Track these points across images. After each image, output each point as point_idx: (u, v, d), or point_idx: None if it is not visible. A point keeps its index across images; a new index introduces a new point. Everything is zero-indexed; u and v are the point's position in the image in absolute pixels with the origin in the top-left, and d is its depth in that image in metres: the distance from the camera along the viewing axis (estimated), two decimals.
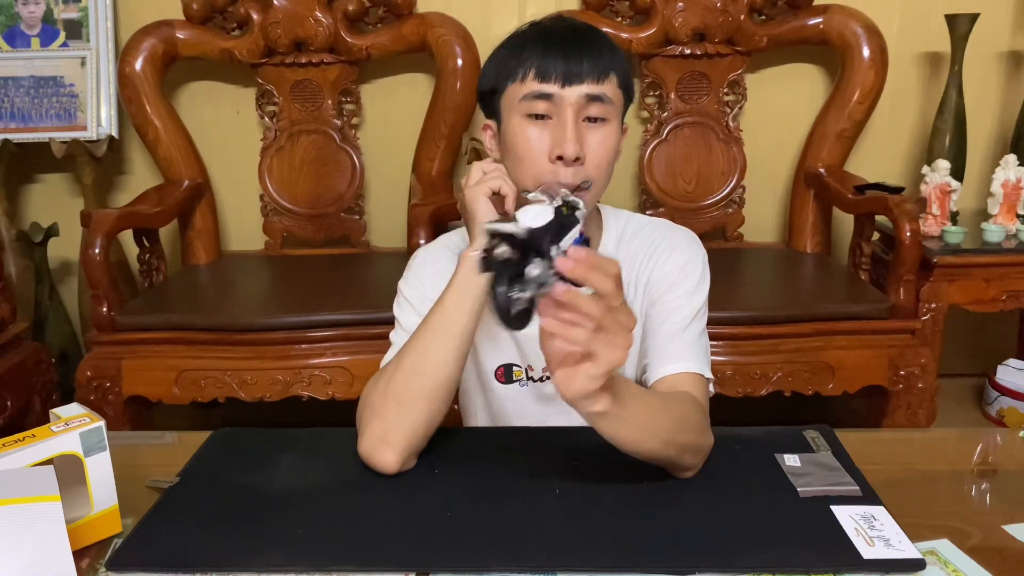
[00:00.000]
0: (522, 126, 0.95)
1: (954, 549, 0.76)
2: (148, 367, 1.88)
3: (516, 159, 0.97)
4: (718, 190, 2.34)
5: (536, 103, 0.94)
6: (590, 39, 0.95)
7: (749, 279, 2.18)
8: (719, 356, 1.83)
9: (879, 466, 0.92)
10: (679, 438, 0.85)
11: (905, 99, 2.41)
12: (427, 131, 2.27)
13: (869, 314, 1.86)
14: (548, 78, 0.93)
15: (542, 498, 0.85)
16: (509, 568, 0.74)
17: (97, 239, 1.86)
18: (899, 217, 1.88)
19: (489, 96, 1.01)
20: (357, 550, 0.77)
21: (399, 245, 2.38)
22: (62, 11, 2.29)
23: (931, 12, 2.29)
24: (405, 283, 1.07)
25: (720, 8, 2.20)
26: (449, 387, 0.93)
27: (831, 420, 1.07)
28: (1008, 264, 2.05)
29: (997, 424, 2.27)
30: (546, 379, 1.08)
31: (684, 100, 2.32)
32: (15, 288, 2.23)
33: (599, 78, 0.93)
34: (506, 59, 0.97)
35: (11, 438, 0.76)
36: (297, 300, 1.97)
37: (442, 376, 0.92)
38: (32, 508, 0.67)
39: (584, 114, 0.94)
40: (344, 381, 1.87)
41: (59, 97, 2.29)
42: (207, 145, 2.35)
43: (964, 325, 2.46)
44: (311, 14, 2.20)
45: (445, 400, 0.93)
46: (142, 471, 0.93)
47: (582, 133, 0.93)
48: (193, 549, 0.78)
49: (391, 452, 0.89)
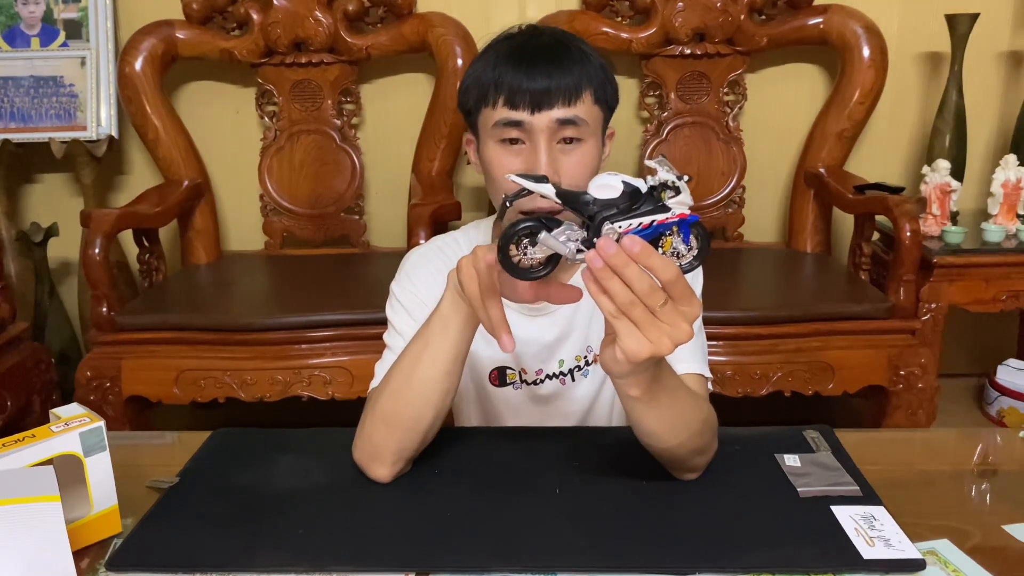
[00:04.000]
0: (496, 152, 0.94)
1: (954, 549, 0.76)
2: (148, 367, 1.88)
3: (493, 182, 0.97)
4: (718, 190, 2.34)
5: (508, 130, 0.92)
6: (560, 58, 0.92)
7: (749, 279, 2.18)
8: (719, 356, 1.83)
9: (879, 466, 0.92)
10: (698, 439, 0.85)
11: (905, 99, 2.41)
12: (427, 131, 2.27)
13: (869, 314, 1.86)
14: (517, 105, 0.91)
15: (542, 498, 0.85)
16: (509, 568, 0.74)
17: (97, 239, 1.86)
18: (899, 217, 1.88)
19: (467, 114, 1.00)
20: (357, 550, 0.77)
21: (399, 245, 2.38)
22: (62, 11, 2.29)
23: (931, 12, 2.29)
24: (398, 285, 1.06)
25: (720, 8, 2.20)
26: (437, 412, 0.89)
27: (831, 420, 1.07)
28: (1008, 264, 2.05)
29: (997, 424, 2.27)
30: (540, 382, 1.08)
31: (684, 100, 2.32)
32: (15, 288, 2.23)
33: (570, 100, 0.91)
34: (477, 81, 0.95)
35: (11, 438, 0.76)
36: (297, 300, 1.97)
37: (428, 403, 0.88)
38: (32, 508, 0.67)
39: (558, 137, 0.92)
40: (344, 381, 1.87)
41: (59, 97, 2.29)
42: (207, 145, 2.35)
43: (964, 325, 2.46)
44: (311, 14, 2.20)
45: (434, 422, 0.89)
46: (142, 471, 0.93)
47: (556, 157, 0.92)
48: (193, 549, 0.78)
49: (383, 468, 0.89)
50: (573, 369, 1.07)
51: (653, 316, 0.66)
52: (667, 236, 0.68)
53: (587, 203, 0.68)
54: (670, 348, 0.67)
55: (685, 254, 0.69)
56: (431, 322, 0.87)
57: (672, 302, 0.67)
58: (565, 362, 1.07)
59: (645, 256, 0.65)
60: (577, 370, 1.07)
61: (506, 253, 0.70)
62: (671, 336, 0.67)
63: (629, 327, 0.67)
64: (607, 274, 0.65)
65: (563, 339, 1.06)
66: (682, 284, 0.67)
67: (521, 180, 0.70)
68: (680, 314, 0.67)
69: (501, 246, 0.70)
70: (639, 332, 0.67)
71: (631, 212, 0.67)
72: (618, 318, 0.67)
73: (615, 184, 0.67)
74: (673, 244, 0.69)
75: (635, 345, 0.67)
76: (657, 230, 0.67)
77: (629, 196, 0.67)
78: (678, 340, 0.67)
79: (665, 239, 0.68)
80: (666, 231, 0.68)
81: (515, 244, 0.71)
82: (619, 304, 0.66)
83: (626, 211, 0.67)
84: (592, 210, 0.67)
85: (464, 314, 0.84)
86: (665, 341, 0.67)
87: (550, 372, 1.07)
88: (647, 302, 0.66)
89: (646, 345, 0.67)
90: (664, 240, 0.68)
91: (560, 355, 1.07)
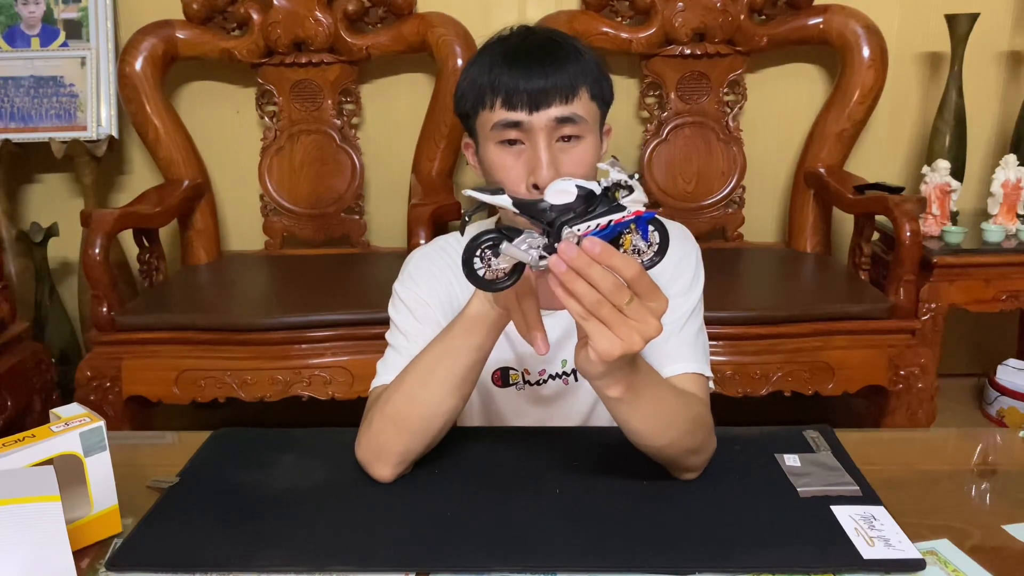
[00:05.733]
0: (496, 154, 0.94)
1: (954, 549, 0.76)
2: (148, 367, 1.88)
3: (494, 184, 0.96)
4: (718, 190, 2.34)
5: (507, 131, 0.92)
6: (555, 56, 0.92)
7: (749, 279, 2.18)
8: (719, 356, 1.83)
9: (879, 466, 0.92)
10: (689, 438, 0.85)
11: (905, 99, 2.41)
12: (427, 131, 2.27)
13: (869, 314, 1.86)
14: (515, 106, 0.91)
15: (542, 498, 0.85)
16: (509, 568, 0.74)
17: (97, 239, 1.86)
18: (899, 217, 1.88)
19: (464, 118, 1.00)
20: (357, 550, 0.77)
21: (399, 245, 2.38)
22: (62, 11, 2.29)
23: (931, 12, 2.29)
24: (401, 285, 1.06)
25: (720, 8, 2.20)
26: (448, 419, 0.89)
27: (831, 420, 1.07)
28: (1008, 264, 2.05)
29: (997, 424, 2.27)
30: (542, 382, 1.08)
31: (684, 100, 2.32)
32: (15, 288, 2.23)
33: (567, 98, 0.91)
34: (473, 84, 0.95)
35: (11, 438, 0.76)
36: (297, 300, 1.97)
37: (441, 408, 0.88)
38: (32, 508, 0.67)
39: (557, 135, 0.92)
40: (344, 381, 1.87)
41: (59, 97, 2.29)
42: (207, 145, 2.35)
43: (964, 325, 2.46)
44: (311, 14, 2.20)
45: (444, 427, 0.90)
46: (142, 471, 0.93)
47: (556, 156, 0.92)
48: (193, 549, 0.78)
49: (386, 468, 0.89)
50: (575, 369, 1.07)
51: (621, 314, 0.67)
52: (626, 234, 0.69)
53: (544, 210, 0.68)
54: (641, 344, 0.68)
55: (645, 250, 0.71)
56: (454, 327, 0.86)
57: (638, 299, 0.68)
58: (568, 362, 1.07)
59: (607, 256, 0.66)
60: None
61: (471, 267, 0.71)
62: (640, 332, 0.68)
63: (599, 327, 0.68)
64: (572, 277, 0.66)
65: (566, 339, 1.06)
66: (646, 280, 0.68)
67: (477, 194, 0.69)
68: (647, 310, 0.68)
69: (465, 259, 0.70)
70: (609, 331, 0.68)
71: (588, 214, 0.67)
72: (587, 319, 0.68)
73: (570, 188, 0.67)
74: (633, 242, 0.70)
75: (606, 344, 0.68)
76: (615, 229, 0.68)
77: (584, 199, 0.67)
78: (647, 335, 0.68)
79: (624, 237, 0.70)
80: (624, 229, 0.69)
81: (479, 257, 0.71)
82: (587, 305, 0.67)
83: (583, 214, 0.67)
84: (550, 216, 0.68)
85: (492, 319, 0.84)
86: (635, 337, 0.68)
87: (553, 372, 1.07)
88: (613, 300, 0.67)
89: (617, 343, 0.68)
90: (624, 239, 0.70)
91: (563, 355, 1.07)
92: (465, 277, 0.71)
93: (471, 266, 0.71)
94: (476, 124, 0.97)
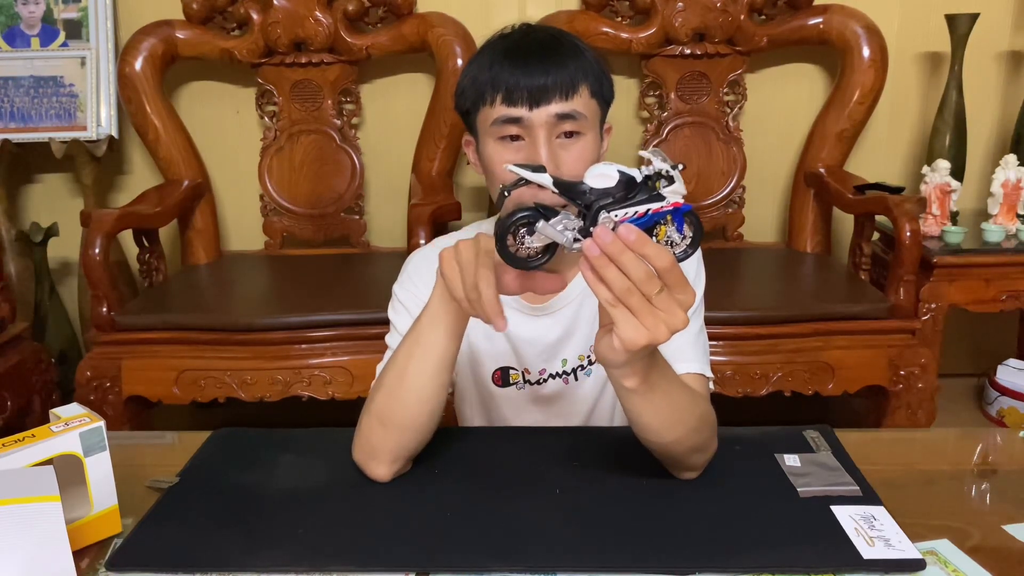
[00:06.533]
0: (496, 150, 0.94)
1: (954, 549, 0.76)
2: (148, 367, 1.88)
3: (494, 181, 0.97)
4: (718, 190, 2.34)
5: (507, 127, 0.92)
6: (555, 53, 0.93)
7: (749, 279, 2.18)
8: (719, 356, 1.83)
9: (879, 466, 0.92)
10: (695, 435, 0.85)
11: (905, 99, 2.41)
12: (427, 131, 2.27)
13: (869, 314, 1.86)
14: (515, 102, 0.91)
15: (542, 498, 0.85)
16: (509, 568, 0.74)
17: (97, 239, 1.86)
18: (899, 217, 1.88)
19: (464, 115, 1.00)
20: (357, 550, 0.77)
21: (399, 245, 2.38)
22: (62, 11, 2.29)
23: (931, 12, 2.29)
24: (400, 286, 1.06)
25: (720, 8, 2.20)
26: (432, 410, 0.89)
27: (831, 420, 1.07)
28: (1008, 264, 2.05)
29: (997, 424, 2.27)
30: (542, 382, 1.08)
31: (684, 100, 2.32)
32: (15, 288, 2.23)
33: (567, 94, 0.91)
34: (474, 81, 0.96)
35: (11, 438, 0.76)
36: (297, 300, 1.97)
37: (421, 401, 0.88)
38: (32, 508, 0.67)
39: (557, 131, 0.92)
40: (344, 381, 1.87)
41: (59, 97, 2.29)
42: (207, 145, 2.35)
43: (964, 325, 2.46)
44: (311, 14, 2.20)
45: (429, 420, 0.89)
46: (142, 471, 0.93)
47: (556, 152, 0.92)
48: (193, 549, 0.78)
49: (381, 466, 0.89)
50: (576, 368, 1.07)
51: (649, 304, 0.67)
52: (662, 225, 0.69)
53: (583, 192, 0.68)
54: (666, 335, 0.68)
55: (679, 243, 0.70)
56: (421, 320, 0.87)
57: (667, 290, 0.67)
58: (568, 361, 1.07)
59: (641, 244, 0.65)
60: (580, 369, 1.07)
61: (504, 243, 0.71)
62: (667, 323, 0.68)
63: (626, 315, 0.67)
64: (604, 262, 0.66)
65: (566, 338, 1.06)
66: (677, 272, 0.67)
67: (519, 170, 0.70)
68: (675, 301, 0.68)
69: (499, 235, 0.71)
70: (636, 320, 0.67)
71: (627, 201, 0.67)
72: (615, 306, 0.68)
73: (611, 173, 0.67)
74: (667, 233, 0.70)
75: (632, 333, 0.68)
76: (652, 219, 0.68)
77: (625, 185, 0.67)
78: (674, 327, 0.68)
79: (660, 228, 0.69)
80: (661, 220, 0.68)
81: (512, 234, 0.71)
82: (616, 292, 0.67)
83: (622, 200, 0.67)
84: (588, 199, 0.68)
85: (453, 311, 0.83)
86: (662, 328, 0.68)
87: (553, 372, 1.08)
88: (643, 290, 0.66)
89: (643, 332, 0.67)
90: (659, 229, 0.69)
91: (563, 354, 1.07)
92: (497, 253, 0.71)
93: (504, 242, 0.70)
94: (476, 121, 0.97)
